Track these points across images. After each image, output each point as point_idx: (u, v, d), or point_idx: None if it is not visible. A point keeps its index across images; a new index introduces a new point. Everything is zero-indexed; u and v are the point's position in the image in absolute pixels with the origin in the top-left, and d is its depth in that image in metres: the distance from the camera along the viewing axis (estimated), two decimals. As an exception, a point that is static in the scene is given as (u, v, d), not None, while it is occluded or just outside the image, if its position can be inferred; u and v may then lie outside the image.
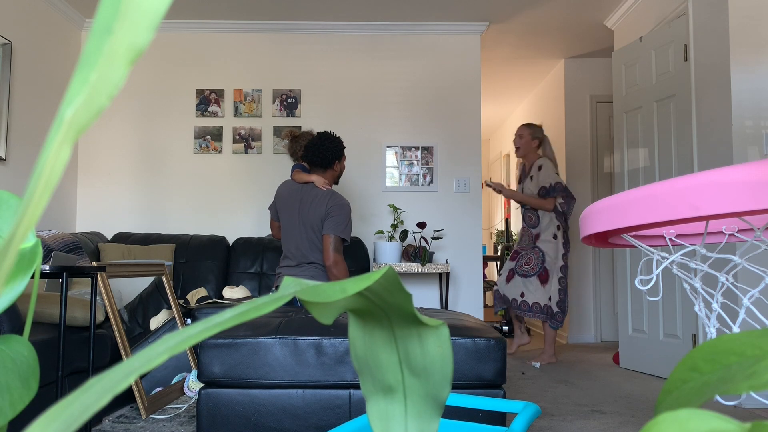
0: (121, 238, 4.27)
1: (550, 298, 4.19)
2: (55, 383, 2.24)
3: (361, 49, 4.79)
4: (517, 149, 4.42)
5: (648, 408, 2.93)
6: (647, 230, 1.07)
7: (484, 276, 6.37)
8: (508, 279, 4.32)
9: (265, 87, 4.74)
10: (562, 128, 5.70)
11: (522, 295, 4.23)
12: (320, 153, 3.13)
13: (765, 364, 0.34)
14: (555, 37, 5.10)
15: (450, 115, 4.79)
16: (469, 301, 4.72)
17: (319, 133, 3.19)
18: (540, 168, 4.27)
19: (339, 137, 3.20)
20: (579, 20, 4.73)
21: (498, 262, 6.90)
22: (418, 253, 4.30)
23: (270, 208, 3.34)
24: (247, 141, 4.69)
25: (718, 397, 0.41)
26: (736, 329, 0.78)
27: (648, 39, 3.95)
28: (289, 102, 4.73)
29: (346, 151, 4.72)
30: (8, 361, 0.59)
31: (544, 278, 4.24)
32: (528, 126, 4.41)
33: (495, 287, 4.44)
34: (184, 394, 2.94)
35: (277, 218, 3.29)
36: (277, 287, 3.17)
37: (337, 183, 3.31)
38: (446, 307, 4.44)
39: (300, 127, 4.70)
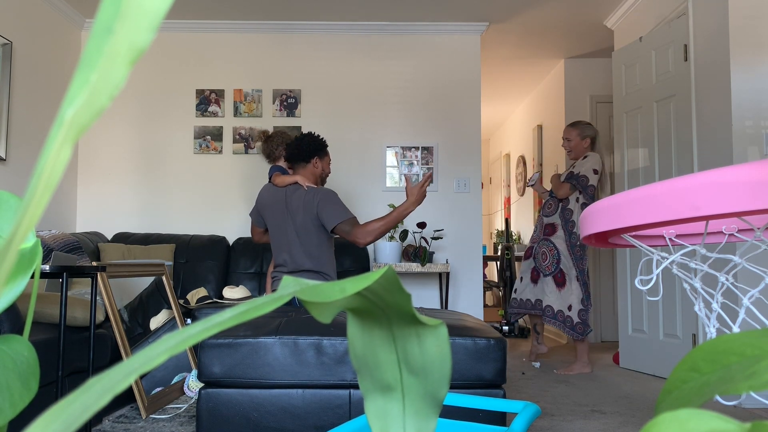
0: (121, 238, 4.27)
1: (570, 307, 3.82)
2: (55, 383, 2.24)
3: (361, 49, 4.79)
4: (569, 152, 4.11)
5: (648, 408, 2.93)
6: (647, 230, 1.07)
7: (484, 276, 6.37)
8: (535, 280, 4.00)
9: (265, 87, 4.74)
10: (562, 128, 5.70)
11: (542, 296, 3.94)
12: (299, 146, 3.09)
13: (765, 364, 0.34)
14: (555, 37, 5.10)
15: (450, 115, 4.79)
16: (469, 301, 4.72)
17: (301, 133, 3.17)
18: (585, 158, 3.98)
19: (322, 138, 3.17)
20: (579, 20, 4.73)
21: (498, 262, 6.89)
22: (418, 253, 4.30)
23: (251, 214, 3.25)
24: (247, 141, 4.69)
25: (718, 397, 0.41)
26: (736, 329, 0.78)
27: (648, 39, 3.95)
28: (289, 102, 4.73)
29: (345, 151, 4.72)
30: (8, 361, 0.59)
31: (560, 281, 3.88)
32: (574, 126, 4.08)
33: (513, 295, 4.12)
34: (184, 394, 2.94)
35: (259, 224, 3.21)
36: (274, 290, 3.14)
37: (323, 185, 3.25)
38: (446, 307, 4.44)
39: (300, 127, 4.70)
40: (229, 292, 3.76)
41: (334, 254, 3.82)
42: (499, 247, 6.92)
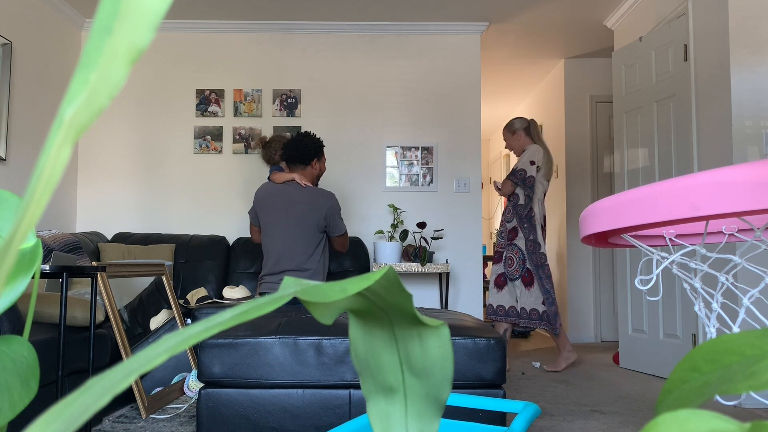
0: (121, 238, 4.27)
1: (543, 302, 3.89)
2: (55, 383, 2.24)
3: (361, 49, 4.79)
4: (512, 152, 4.23)
5: (648, 408, 2.93)
6: (647, 230, 1.07)
7: (484, 276, 6.37)
8: (501, 286, 4.03)
9: (265, 87, 4.74)
10: (562, 128, 5.70)
11: (516, 300, 3.96)
12: (299, 149, 3.15)
13: (765, 364, 0.34)
14: (555, 37, 5.10)
15: (450, 115, 4.79)
16: (469, 301, 4.72)
17: (299, 132, 3.22)
18: (524, 151, 4.07)
19: (319, 138, 3.23)
20: (579, 20, 4.73)
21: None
22: (418, 253, 4.30)
23: (250, 213, 3.30)
24: (247, 141, 4.69)
25: (718, 397, 0.41)
26: (736, 329, 0.78)
27: (648, 39, 3.95)
28: (289, 102, 4.73)
29: (345, 151, 4.72)
30: (8, 361, 0.59)
31: (527, 281, 3.93)
32: (506, 127, 4.18)
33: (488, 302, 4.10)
34: (184, 394, 2.94)
35: (257, 223, 3.25)
36: (260, 294, 3.17)
37: (316, 184, 3.31)
38: (446, 307, 4.44)
39: (300, 127, 4.70)
40: (229, 292, 3.76)
41: (330, 255, 3.85)
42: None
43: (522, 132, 4.12)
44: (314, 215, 3.06)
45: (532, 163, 3.97)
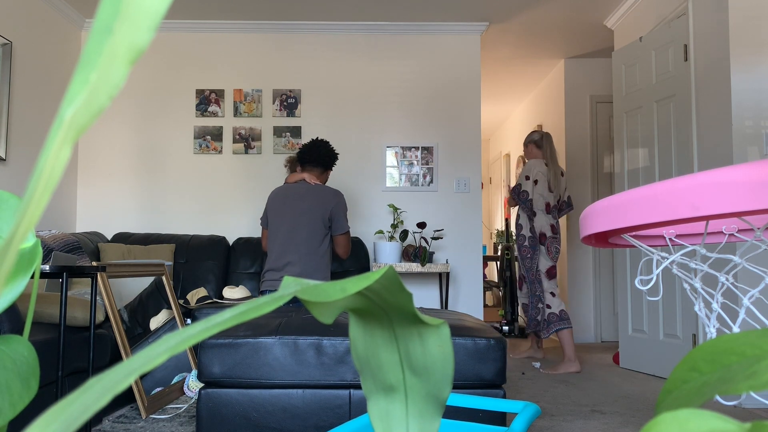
0: (121, 238, 4.26)
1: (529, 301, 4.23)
2: (55, 383, 2.24)
3: (361, 49, 4.78)
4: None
5: (648, 408, 2.93)
6: (647, 230, 1.07)
7: (484, 276, 6.36)
8: (520, 286, 4.37)
9: (265, 87, 4.74)
10: (562, 128, 5.70)
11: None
12: (320, 154, 3.27)
13: (765, 364, 0.34)
14: (555, 37, 5.10)
15: (450, 115, 4.79)
16: (469, 301, 4.72)
17: (320, 138, 3.31)
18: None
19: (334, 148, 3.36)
20: (579, 20, 4.73)
21: (498, 262, 6.89)
22: (418, 253, 4.30)
23: (261, 219, 3.33)
24: (247, 141, 4.69)
25: (718, 397, 0.41)
26: (736, 329, 0.78)
27: (648, 39, 3.95)
28: (289, 102, 4.73)
29: (345, 151, 4.73)
30: (8, 361, 0.59)
31: (520, 283, 4.36)
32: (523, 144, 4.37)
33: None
34: (184, 394, 2.94)
35: (267, 225, 3.29)
36: (262, 292, 3.19)
37: None
38: (446, 307, 4.44)
39: (300, 127, 4.70)
40: (229, 292, 3.76)
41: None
42: (499, 247, 6.91)
43: (532, 145, 4.28)
44: (320, 209, 3.10)
45: (527, 178, 4.15)
